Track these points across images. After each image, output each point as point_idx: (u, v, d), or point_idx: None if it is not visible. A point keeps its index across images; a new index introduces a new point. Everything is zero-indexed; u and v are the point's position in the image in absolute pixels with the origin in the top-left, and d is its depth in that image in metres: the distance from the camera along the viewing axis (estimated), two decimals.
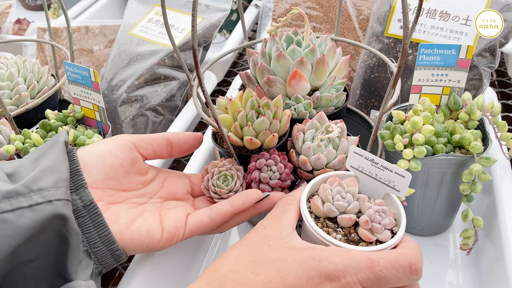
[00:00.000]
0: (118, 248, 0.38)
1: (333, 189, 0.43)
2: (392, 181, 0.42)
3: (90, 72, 0.52)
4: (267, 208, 0.46)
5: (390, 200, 0.44)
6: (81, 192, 0.38)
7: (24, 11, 1.29)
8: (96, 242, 0.38)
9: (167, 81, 0.72)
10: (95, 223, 0.38)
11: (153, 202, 0.45)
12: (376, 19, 0.64)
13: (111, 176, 0.42)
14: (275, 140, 0.49)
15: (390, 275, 0.34)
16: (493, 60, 0.58)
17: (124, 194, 0.43)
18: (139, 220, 0.41)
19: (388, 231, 0.41)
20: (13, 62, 0.64)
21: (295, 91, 0.53)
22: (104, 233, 0.38)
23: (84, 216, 0.37)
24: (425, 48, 0.48)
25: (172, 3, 0.77)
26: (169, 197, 0.47)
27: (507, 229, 0.47)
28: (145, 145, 0.45)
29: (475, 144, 0.44)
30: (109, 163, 0.42)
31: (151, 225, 0.41)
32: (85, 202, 0.38)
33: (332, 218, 0.42)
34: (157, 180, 0.47)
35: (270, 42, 0.55)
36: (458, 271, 0.52)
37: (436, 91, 0.50)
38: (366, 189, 0.44)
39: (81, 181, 0.39)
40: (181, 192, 0.48)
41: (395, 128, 0.47)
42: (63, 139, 0.40)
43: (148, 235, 0.40)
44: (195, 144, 0.49)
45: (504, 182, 0.52)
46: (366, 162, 0.43)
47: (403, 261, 0.34)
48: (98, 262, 0.38)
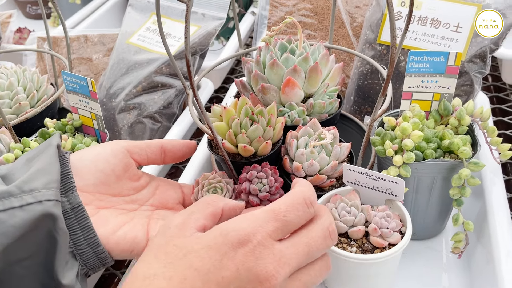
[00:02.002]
0: (103, 251, 0.39)
1: (337, 207, 0.46)
2: (388, 188, 0.45)
3: (88, 81, 0.53)
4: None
5: (392, 204, 0.46)
6: (69, 195, 0.39)
7: (25, 19, 1.31)
8: (82, 244, 0.38)
9: (165, 89, 0.73)
10: (81, 225, 0.38)
11: (143, 210, 0.46)
12: (368, 27, 0.65)
13: (103, 181, 0.43)
14: (268, 147, 0.50)
15: (293, 216, 0.34)
16: (484, 66, 0.59)
17: (115, 199, 0.44)
18: (127, 226, 0.42)
19: (397, 233, 0.43)
20: (13, 71, 0.65)
21: (289, 99, 0.54)
22: (90, 235, 0.38)
23: (71, 218, 0.38)
24: (415, 56, 0.49)
25: (168, 12, 0.78)
26: (160, 205, 0.47)
27: (497, 232, 0.48)
28: (139, 151, 0.46)
29: (464, 149, 0.45)
30: (101, 168, 0.43)
31: (138, 232, 0.41)
32: (73, 204, 0.39)
33: (343, 234, 0.45)
34: (149, 188, 0.48)
35: (264, 51, 0.56)
36: (451, 275, 0.53)
37: (427, 97, 0.51)
38: (367, 199, 0.47)
39: (71, 184, 0.39)
40: (172, 202, 0.48)
41: (385, 134, 0.48)
42: (56, 142, 0.41)
43: (133, 242, 0.40)
44: (189, 152, 0.50)
45: (494, 186, 0.53)
46: (361, 176, 0.45)
47: (299, 199, 0.35)
48: (84, 264, 0.39)
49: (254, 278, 0.32)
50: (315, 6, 0.76)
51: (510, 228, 0.49)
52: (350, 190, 0.48)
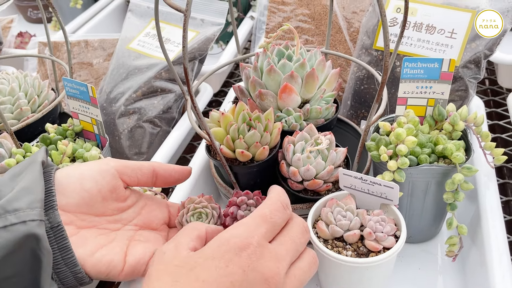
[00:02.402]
0: (80, 271, 0.39)
1: (333, 211, 0.47)
2: (383, 193, 0.45)
3: (88, 87, 0.54)
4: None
5: (387, 208, 0.47)
6: (50, 214, 0.39)
7: (26, 24, 1.32)
8: (59, 263, 0.38)
9: (164, 93, 0.74)
10: (60, 245, 0.39)
11: (126, 229, 0.45)
12: (365, 32, 0.66)
13: (87, 201, 0.42)
14: (266, 152, 0.51)
15: (277, 217, 0.38)
16: (478, 71, 0.60)
17: (97, 219, 0.44)
18: (105, 249, 0.41)
19: (392, 236, 0.44)
20: (14, 77, 0.66)
21: (286, 104, 0.55)
22: (67, 255, 0.39)
23: (50, 237, 0.38)
24: (409, 62, 0.50)
25: (168, 18, 0.79)
26: (144, 226, 0.47)
27: (490, 235, 0.49)
28: (130, 172, 0.45)
29: (457, 154, 0.46)
30: (87, 188, 0.42)
31: (115, 256, 0.41)
32: (53, 223, 0.39)
33: (339, 237, 0.46)
34: (135, 207, 0.47)
35: (262, 57, 0.57)
36: (446, 277, 0.54)
37: (421, 103, 0.52)
38: (363, 203, 0.48)
39: (52, 202, 0.39)
40: (157, 222, 0.48)
41: (380, 139, 0.49)
42: (41, 158, 0.41)
43: (109, 265, 0.41)
44: (181, 178, 0.49)
45: (488, 190, 0.54)
46: (356, 180, 0.46)
47: (277, 203, 0.39)
48: (60, 283, 0.39)
49: (260, 276, 0.34)
50: (313, 12, 0.77)
51: (503, 232, 0.50)
52: (346, 195, 0.49)
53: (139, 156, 0.73)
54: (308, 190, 0.52)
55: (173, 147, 0.71)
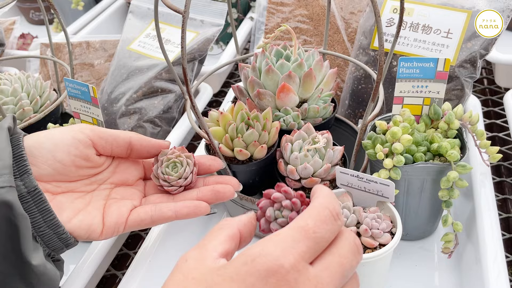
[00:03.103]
0: (64, 232, 0.39)
1: None
2: (379, 190, 0.46)
3: (89, 88, 0.55)
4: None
5: (383, 205, 0.48)
6: (25, 178, 0.38)
7: (28, 25, 1.33)
8: (42, 226, 0.38)
9: (164, 94, 0.75)
10: (39, 208, 0.38)
11: (102, 189, 0.45)
12: (362, 33, 0.67)
13: (60, 171, 0.42)
14: (264, 151, 0.52)
15: (323, 231, 0.30)
16: (474, 71, 0.61)
17: (73, 184, 0.43)
18: (82, 214, 0.42)
19: (388, 233, 0.45)
20: (16, 78, 0.67)
21: (284, 103, 0.56)
22: (49, 217, 0.38)
23: (29, 201, 0.38)
24: (405, 62, 0.51)
25: (168, 19, 0.80)
26: (120, 183, 0.47)
27: (484, 233, 0.50)
28: (104, 143, 0.44)
29: (452, 152, 0.46)
30: (60, 159, 0.41)
31: (93, 220, 0.42)
32: (29, 188, 0.38)
33: None
34: (110, 167, 0.47)
35: (260, 57, 0.58)
36: (442, 274, 0.54)
37: (417, 102, 0.53)
38: (359, 201, 0.48)
39: (25, 167, 0.39)
40: (132, 179, 0.48)
41: (376, 138, 0.49)
42: (7, 124, 0.40)
43: (88, 229, 0.41)
44: (157, 154, 0.48)
45: (484, 188, 0.55)
46: (353, 178, 0.47)
47: (325, 211, 0.30)
48: (45, 245, 0.39)
49: None
50: (311, 13, 0.78)
51: (498, 229, 0.50)
52: (343, 192, 0.49)
53: None
54: (305, 188, 0.53)
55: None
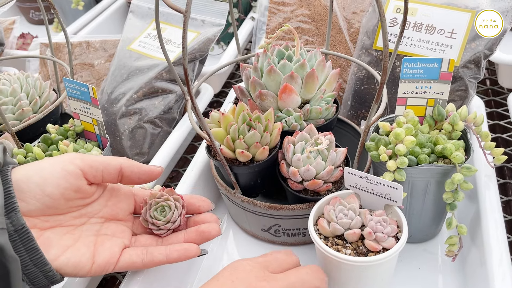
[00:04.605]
0: (50, 270, 0.38)
1: (336, 209, 0.47)
2: (387, 193, 0.46)
3: (89, 88, 0.55)
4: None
5: (391, 209, 0.47)
6: (12, 217, 0.37)
7: (28, 25, 1.32)
8: (28, 265, 0.37)
9: (165, 94, 0.74)
10: (27, 247, 0.37)
11: (92, 223, 0.44)
12: (365, 33, 0.66)
13: (49, 205, 0.40)
14: (265, 153, 0.51)
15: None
16: (478, 71, 0.60)
17: (62, 217, 0.42)
18: (70, 251, 0.40)
19: (393, 238, 0.44)
20: (16, 78, 0.67)
21: (286, 104, 0.55)
22: (35, 256, 0.38)
23: (16, 240, 0.37)
24: (409, 62, 0.50)
25: (169, 19, 0.79)
26: (110, 217, 0.46)
27: (489, 235, 0.49)
28: (95, 172, 0.43)
29: (456, 154, 0.46)
30: (49, 193, 0.40)
31: (82, 257, 0.41)
32: (16, 226, 0.37)
33: (339, 235, 0.46)
34: (101, 199, 0.46)
35: (262, 57, 0.57)
36: (446, 277, 0.54)
37: (421, 103, 0.52)
38: (367, 203, 0.48)
39: (13, 204, 0.37)
40: (123, 213, 0.47)
41: (379, 139, 0.49)
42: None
43: (76, 267, 0.40)
44: (148, 180, 0.47)
45: (488, 190, 0.54)
46: (361, 180, 0.46)
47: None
48: (31, 283, 0.38)
49: None
50: (313, 12, 0.77)
51: (503, 232, 0.49)
52: (350, 193, 0.49)
53: (140, 156, 0.73)
54: (308, 190, 0.52)
55: (174, 148, 0.71)
